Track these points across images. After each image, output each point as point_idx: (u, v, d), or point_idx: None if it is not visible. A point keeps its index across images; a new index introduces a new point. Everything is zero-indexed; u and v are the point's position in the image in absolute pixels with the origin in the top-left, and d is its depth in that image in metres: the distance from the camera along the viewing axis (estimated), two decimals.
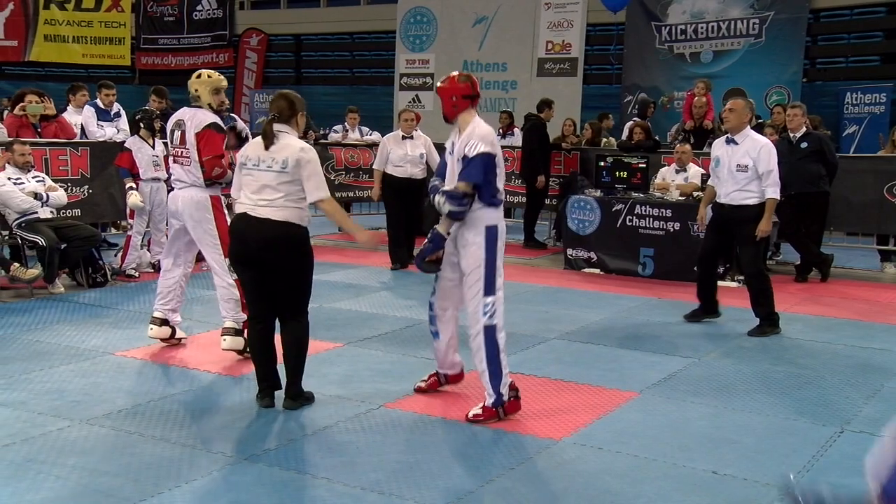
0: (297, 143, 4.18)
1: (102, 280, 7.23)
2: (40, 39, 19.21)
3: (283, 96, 4.26)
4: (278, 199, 4.10)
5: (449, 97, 4.21)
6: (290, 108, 4.22)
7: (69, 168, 7.94)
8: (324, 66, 19.66)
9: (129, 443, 3.80)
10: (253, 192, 4.15)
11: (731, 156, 5.98)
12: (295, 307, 4.24)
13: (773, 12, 13.51)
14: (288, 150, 4.13)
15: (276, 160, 4.12)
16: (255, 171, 4.15)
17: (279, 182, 4.10)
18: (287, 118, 4.21)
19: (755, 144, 5.92)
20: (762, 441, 4.02)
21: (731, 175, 5.97)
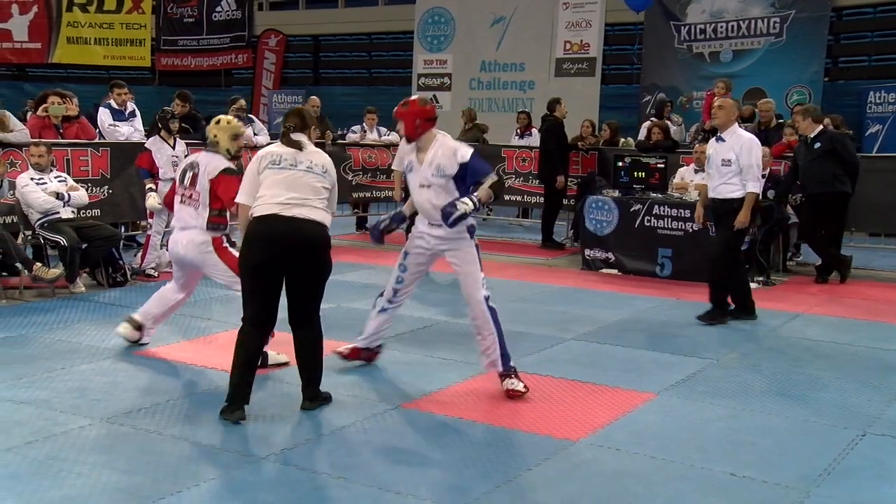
0: (322, 153, 4.35)
1: (122, 279, 7.29)
2: (63, 41, 19.45)
3: (297, 113, 4.37)
4: (317, 200, 4.14)
5: (413, 120, 4.61)
6: (303, 122, 4.34)
7: (90, 168, 8.02)
8: (342, 66, 19.73)
9: (148, 441, 3.83)
10: (286, 190, 4.08)
11: (718, 151, 6.30)
12: (313, 309, 4.20)
13: (795, 11, 13.38)
14: (323, 157, 4.28)
15: (314, 163, 4.20)
16: (293, 170, 4.14)
17: (320, 184, 4.18)
18: (301, 130, 4.31)
19: (739, 140, 6.24)
20: (781, 443, 3.98)
21: (717, 170, 6.30)
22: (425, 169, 4.60)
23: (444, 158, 4.55)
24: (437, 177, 4.57)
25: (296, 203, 4.06)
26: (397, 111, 4.67)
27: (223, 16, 19.69)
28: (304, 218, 4.05)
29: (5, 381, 4.59)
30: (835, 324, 6.51)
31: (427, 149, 4.61)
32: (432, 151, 4.59)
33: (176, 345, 5.49)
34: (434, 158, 4.58)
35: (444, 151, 4.57)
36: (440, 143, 4.62)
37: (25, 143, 7.41)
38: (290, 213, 4.03)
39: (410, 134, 4.63)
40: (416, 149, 4.67)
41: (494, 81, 16.29)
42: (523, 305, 6.86)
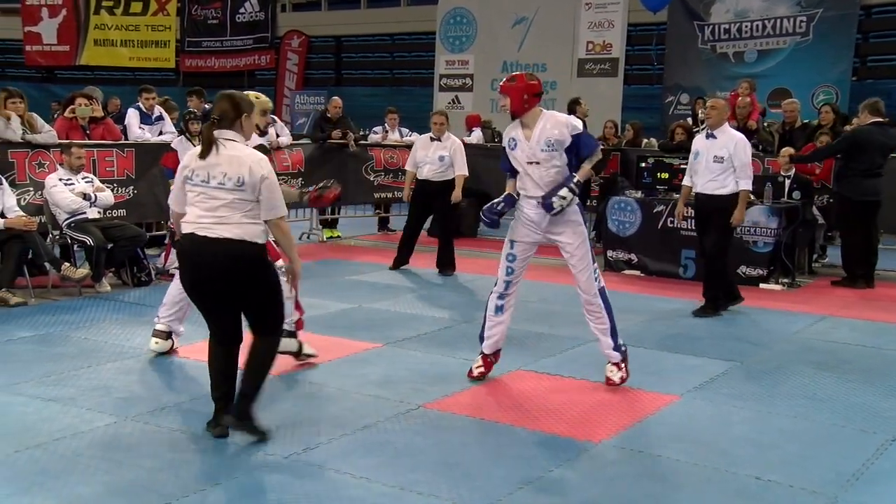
0: (249, 154, 3.68)
1: (147, 279, 7.37)
2: (90, 44, 19.71)
3: (225, 97, 3.74)
4: (237, 215, 3.65)
5: (521, 95, 4.57)
6: (235, 110, 3.70)
7: (115, 169, 8.11)
8: (364, 67, 19.80)
9: (172, 440, 3.86)
10: (201, 209, 3.66)
11: (709, 149, 6.41)
12: (269, 324, 3.83)
13: (822, 9, 13.22)
14: (242, 165, 3.63)
15: (228, 176, 3.62)
16: (205, 187, 3.65)
17: (237, 198, 3.64)
18: (231, 122, 3.69)
19: (732, 138, 6.38)
20: (808, 447, 3.93)
21: (707, 167, 6.41)
22: (533, 145, 4.59)
23: (555, 130, 4.57)
24: (548, 151, 4.57)
25: (211, 223, 3.64)
26: (504, 86, 4.61)
27: (246, 17, 19.84)
28: (219, 238, 3.62)
29: (33, 379, 4.66)
30: (862, 327, 6.42)
31: (533, 125, 4.60)
32: (540, 125, 4.59)
33: (199, 344, 5.52)
34: (543, 132, 4.58)
35: (553, 124, 4.60)
36: (546, 117, 4.64)
37: (53, 144, 7.51)
38: (205, 233, 3.63)
39: (517, 109, 4.58)
40: (521, 125, 4.64)
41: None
42: (546, 306, 6.84)
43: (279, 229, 3.79)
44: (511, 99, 4.57)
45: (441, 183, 8.23)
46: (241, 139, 3.74)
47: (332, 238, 10.73)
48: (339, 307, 6.69)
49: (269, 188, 3.68)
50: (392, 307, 6.80)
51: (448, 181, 8.23)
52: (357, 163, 10.70)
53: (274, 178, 3.71)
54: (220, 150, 3.65)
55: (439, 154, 8.24)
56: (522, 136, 4.63)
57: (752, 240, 7.93)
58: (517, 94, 4.57)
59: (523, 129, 4.64)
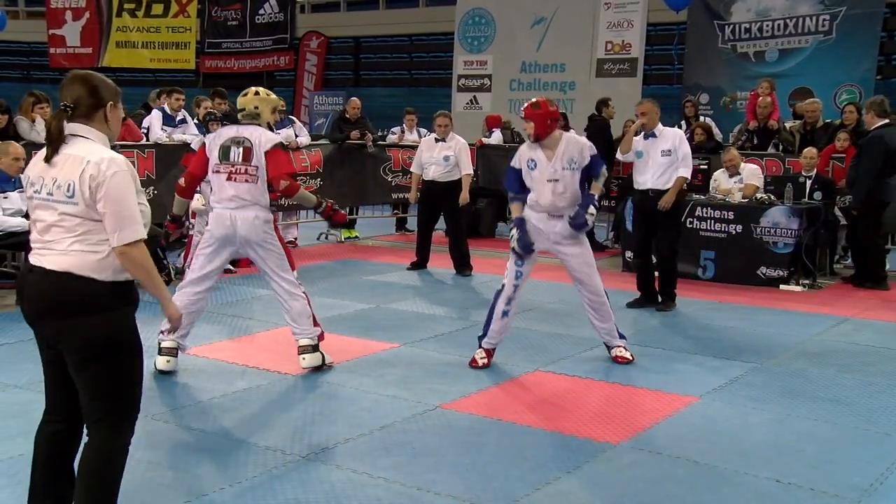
0: (92, 152, 2.60)
1: (166, 279, 7.42)
2: (112, 46, 19.90)
3: (79, 79, 2.68)
4: (68, 238, 2.61)
5: (545, 121, 4.97)
6: (93, 96, 2.65)
7: (136, 169, 8.18)
8: (382, 67, 19.84)
9: (190, 439, 3.89)
10: (37, 232, 2.68)
11: (654, 146, 6.59)
12: (97, 411, 2.65)
13: (846, 8, 13.06)
14: (75, 167, 2.58)
15: (59, 183, 2.60)
16: (37, 199, 2.66)
17: (69, 213, 2.60)
18: (87, 112, 2.66)
19: (673, 133, 6.69)
20: (829, 450, 3.89)
21: (655, 163, 6.58)
22: (555, 163, 5.01)
23: (576, 152, 5.03)
24: (568, 169, 5.01)
25: (40, 248, 2.66)
26: (528, 113, 4.96)
27: (266, 18, 19.93)
28: (43, 269, 2.62)
29: None
30: (886, 329, 6.34)
31: (555, 146, 5.03)
32: (562, 147, 5.03)
33: (218, 344, 5.57)
34: (565, 152, 5.01)
35: (574, 146, 5.05)
36: (567, 139, 5.09)
37: None
38: (35, 262, 2.66)
39: (542, 133, 4.99)
40: (541, 147, 5.04)
41: (535, 82, 16.22)
42: (564, 307, 6.82)
43: (129, 260, 2.60)
44: (536, 124, 4.96)
45: (447, 183, 8.21)
46: (99, 136, 2.68)
47: (350, 238, 10.76)
48: (357, 307, 6.71)
49: (114, 196, 2.57)
50: (410, 308, 6.81)
51: (454, 181, 8.20)
52: (375, 163, 10.73)
53: (123, 182, 2.60)
54: (62, 150, 2.63)
55: (444, 154, 8.20)
56: (543, 157, 5.04)
57: (772, 240, 7.86)
58: (542, 120, 4.96)
59: (543, 151, 5.04)
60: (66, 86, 2.65)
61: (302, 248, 8.68)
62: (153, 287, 2.70)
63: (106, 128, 2.72)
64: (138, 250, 2.61)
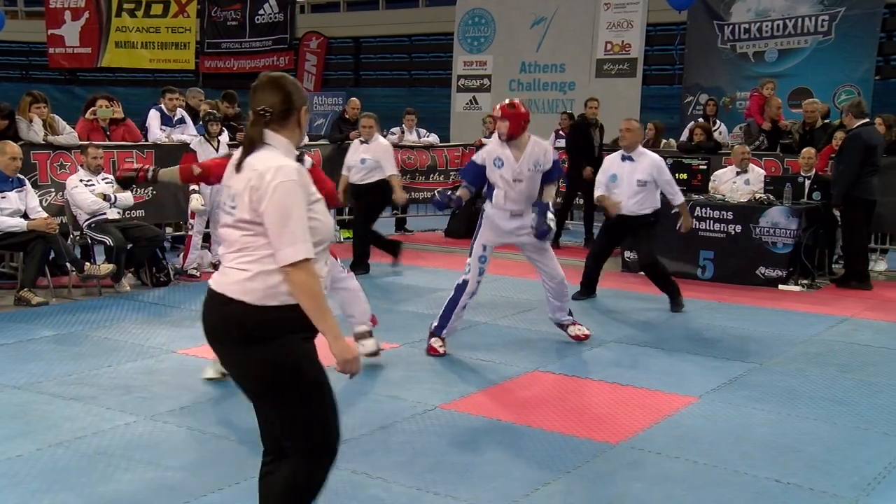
0: (263, 160, 2.41)
1: (166, 279, 7.43)
2: (111, 46, 19.87)
3: (273, 83, 2.51)
4: (236, 256, 2.44)
5: (520, 121, 5.18)
6: (287, 102, 2.49)
7: None
8: (382, 68, 19.83)
9: (192, 439, 3.89)
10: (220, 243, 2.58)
11: (630, 172, 6.56)
12: (289, 439, 2.56)
13: (845, 8, 13.07)
14: (244, 177, 2.41)
15: (231, 193, 2.47)
16: (222, 209, 2.54)
17: (228, 227, 2.47)
18: (279, 119, 2.49)
19: (652, 162, 6.59)
20: (829, 450, 3.89)
21: (630, 189, 6.55)
22: (522, 164, 5.22)
23: (541, 155, 5.26)
24: (534, 171, 5.24)
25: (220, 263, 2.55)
26: (505, 111, 5.15)
27: (265, 19, 19.92)
28: (210, 289, 2.48)
29: (55, 378, 4.71)
30: (885, 329, 6.35)
31: (523, 147, 5.22)
32: (529, 148, 5.23)
33: None
34: (532, 154, 5.23)
35: (539, 149, 5.28)
36: (534, 141, 5.30)
37: (74, 145, 7.59)
38: (210, 285, 2.50)
39: (515, 133, 5.18)
40: (509, 146, 5.22)
41: (535, 83, 16.22)
42: None
43: (290, 283, 2.36)
44: (511, 124, 5.14)
45: (365, 186, 8.07)
46: (285, 144, 2.50)
47: (350, 239, 10.74)
48: None
49: (277, 209, 2.33)
50: (409, 308, 6.81)
51: (371, 184, 8.03)
52: None
53: (292, 194, 2.35)
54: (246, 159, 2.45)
55: (361, 157, 8.07)
56: (511, 157, 5.22)
57: (771, 241, 7.87)
58: (517, 121, 5.16)
59: (511, 150, 5.22)
60: (259, 90, 2.50)
61: None
62: (319, 316, 2.40)
63: (295, 134, 2.53)
64: (302, 272, 2.32)
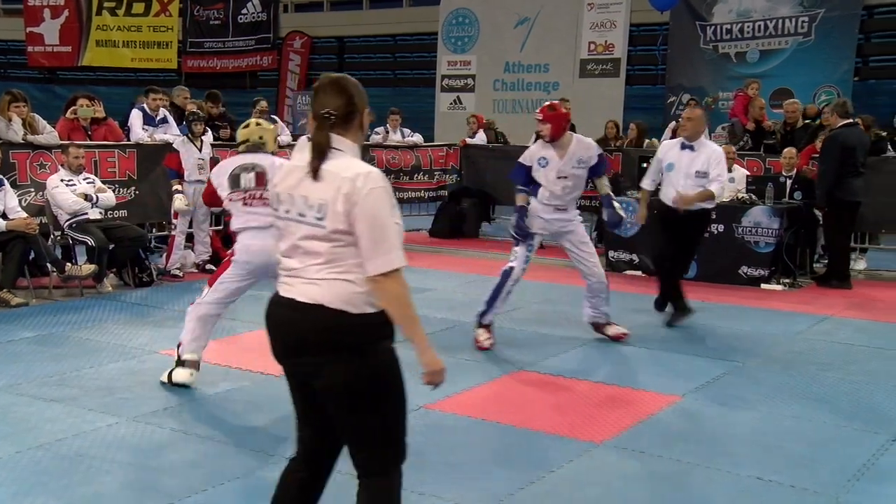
0: (347, 167, 2.34)
1: (149, 280, 7.38)
2: (92, 45, 19.71)
3: (335, 85, 2.41)
4: (318, 266, 2.36)
5: (560, 122, 5.40)
6: (350, 104, 2.40)
7: (117, 170, 8.11)
8: (366, 67, 19.79)
9: (174, 440, 3.87)
10: (284, 255, 2.46)
11: (689, 162, 6.13)
12: (371, 457, 2.47)
13: (824, 10, 13.21)
14: (329, 185, 2.32)
15: (311, 203, 2.35)
16: (286, 220, 2.43)
17: (314, 239, 2.36)
18: (343, 122, 2.40)
19: (713, 153, 6.15)
20: (810, 448, 3.93)
21: (687, 179, 6.09)
22: (566, 162, 5.43)
23: (585, 152, 5.47)
24: (578, 168, 5.46)
25: (291, 275, 2.43)
26: (546, 115, 5.35)
27: (249, 18, 19.84)
28: (293, 301, 2.39)
29: (36, 380, 4.66)
30: (865, 327, 6.42)
31: (566, 146, 5.44)
32: (572, 147, 5.45)
33: None
34: (575, 152, 5.44)
35: (582, 146, 5.49)
36: (577, 139, 5.51)
37: (54, 145, 7.52)
38: (285, 294, 2.43)
39: (557, 134, 5.39)
40: (552, 146, 5.43)
41: (518, 83, 16.26)
42: (549, 307, 6.83)
43: (382, 292, 2.37)
44: (552, 126, 5.35)
45: None
46: (352, 148, 2.42)
47: None
48: None
49: (370, 217, 2.29)
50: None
51: None
52: None
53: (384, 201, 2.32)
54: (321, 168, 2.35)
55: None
56: (555, 156, 5.43)
57: (753, 240, 7.93)
58: (558, 122, 5.36)
59: (555, 150, 5.43)
60: (322, 92, 2.41)
61: None
62: (409, 326, 2.43)
63: (358, 136, 2.45)
64: (394, 282, 2.34)
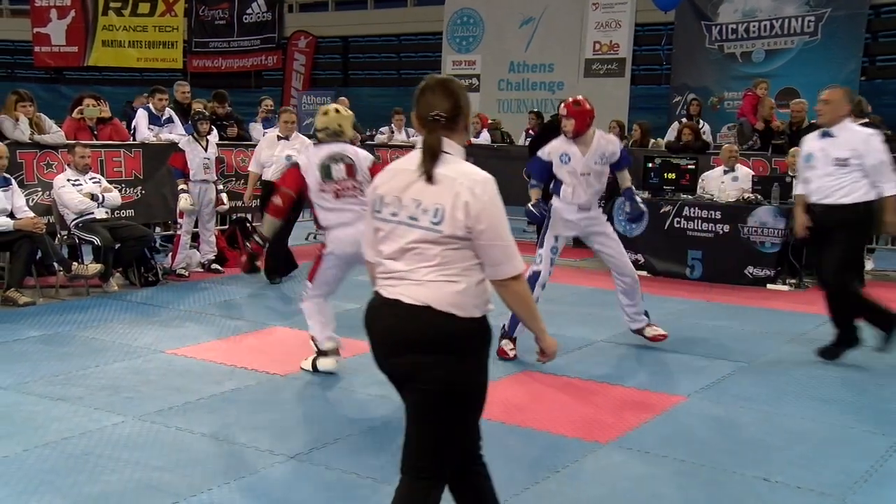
0: (463, 173, 2.37)
1: (154, 279, 7.39)
2: (98, 45, 19.76)
3: (442, 87, 2.44)
4: (427, 269, 2.37)
5: (586, 118, 5.29)
6: (457, 106, 2.43)
7: (123, 169, 8.14)
8: (370, 67, 19.82)
9: (179, 439, 3.87)
10: (388, 258, 2.45)
11: (827, 150, 5.16)
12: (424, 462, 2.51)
13: (831, 9, 13.17)
14: (445, 190, 2.34)
15: (424, 207, 2.36)
16: (393, 223, 2.42)
17: (426, 242, 2.37)
18: (450, 124, 2.42)
19: (856, 136, 5.13)
20: (816, 449, 3.92)
21: (824, 169, 5.16)
22: (589, 158, 5.34)
23: (608, 147, 5.42)
24: (601, 164, 5.40)
25: (396, 276, 2.42)
26: (571, 110, 5.25)
27: (254, 18, 19.87)
28: (399, 303, 2.40)
29: (42, 379, 4.68)
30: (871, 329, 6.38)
31: (589, 142, 5.35)
32: (595, 143, 5.36)
33: (206, 344, 5.55)
34: (598, 148, 5.37)
35: (605, 141, 5.43)
36: (599, 135, 5.45)
37: (61, 144, 7.54)
38: (389, 295, 2.44)
39: (581, 130, 5.28)
40: (576, 142, 5.34)
41: (523, 82, 16.26)
42: (553, 307, 6.81)
43: (511, 294, 2.44)
44: (577, 121, 5.25)
45: None
46: (460, 152, 2.44)
47: None
48: (345, 307, 6.69)
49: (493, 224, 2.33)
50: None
51: None
52: None
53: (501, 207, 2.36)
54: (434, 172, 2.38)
55: (287, 153, 7.54)
56: (578, 152, 5.35)
57: (759, 240, 7.92)
58: (583, 118, 5.26)
59: (578, 146, 5.34)
60: (428, 93, 2.43)
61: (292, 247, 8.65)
62: (533, 321, 2.57)
63: (463, 138, 2.47)
64: (520, 283, 2.42)
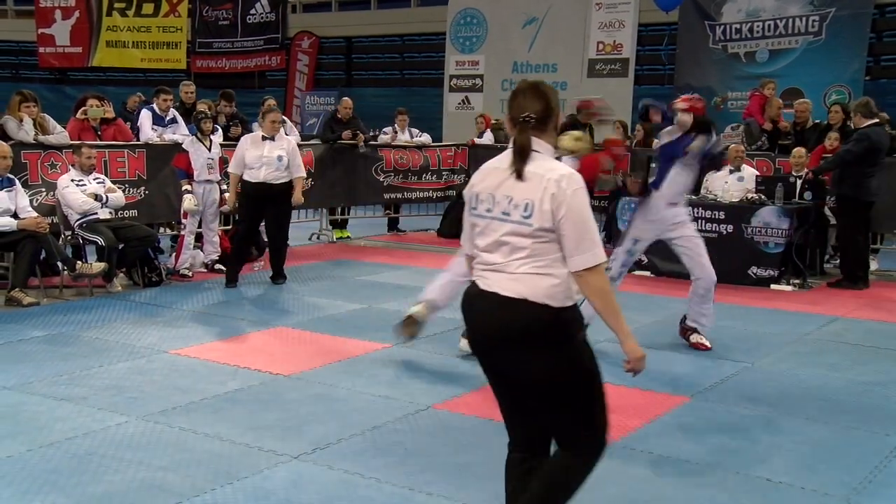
0: (550, 169, 2.51)
1: (158, 279, 7.40)
2: (102, 45, 19.81)
3: (534, 90, 2.59)
4: (520, 261, 2.51)
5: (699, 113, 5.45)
6: (548, 108, 2.57)
7: (126, 170, 8.15)
8: (374, 67, 19.82)
9: (182, 439, 3.88)
10: (483, 249, 2.60)
11: None
12: (562, 435, 2.71)
13: (835, 9, 13.14)
14: (534, 186, 2.49)
15: (515, 202, 2.51)
16: (487, 219, 2.58)
17: (518, 236, 2.51)
18: (540, 124, 2.56)
19: None
20: (820, 449, 3.91)
21: None
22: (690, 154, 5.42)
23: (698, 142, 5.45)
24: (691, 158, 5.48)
25: (492, 269, 2.57)
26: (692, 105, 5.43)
27: (257, 18, 19.89)
28: (496, 295, 2.53)
29: (46, 379, 4.69)
30: (876, 328, 6.38)
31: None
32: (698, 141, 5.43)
33: (209, 344, 5.56)
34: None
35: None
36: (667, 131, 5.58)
37: (65, 145, 7.56)
38: (484, 286, 2.58)
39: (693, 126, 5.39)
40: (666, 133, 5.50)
41: None
42: None
43: (589, 286, 2.51)
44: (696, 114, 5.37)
45: (280, 185, 7.36)
46: (549, 150, 2.58)
47: (342, 238, 10.75)
48: (349, 307, 6.71)
49: (576, 216, 2.45)
50: (402, 308, 6.79)
51: (287, 184, 7.40)
52: (367, 163, 10.72)
53: (585, 201, 2.49)
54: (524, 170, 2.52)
55: (277, 154, 7.34)
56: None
57: (763, 240, 7.90)
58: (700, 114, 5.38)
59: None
60: (521, 96, 2.57)
61: (293, 248, 8.67)
62: (613, 317, 2.58)
63: (553, 138, 2.61)
64: (599, 276, 2.49)
